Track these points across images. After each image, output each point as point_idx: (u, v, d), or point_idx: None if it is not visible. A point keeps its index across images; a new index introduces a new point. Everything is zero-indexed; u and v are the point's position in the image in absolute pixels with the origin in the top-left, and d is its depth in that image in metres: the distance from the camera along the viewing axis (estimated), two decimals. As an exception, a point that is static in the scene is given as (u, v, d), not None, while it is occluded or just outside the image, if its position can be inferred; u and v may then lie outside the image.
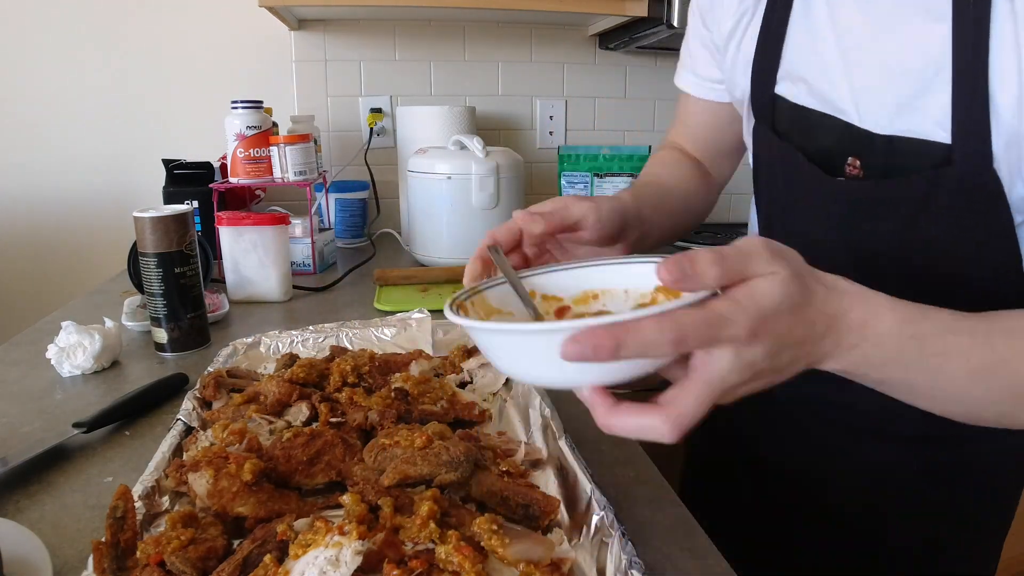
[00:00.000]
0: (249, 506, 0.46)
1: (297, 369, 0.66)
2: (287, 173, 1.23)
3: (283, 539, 0.42)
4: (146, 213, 0.79)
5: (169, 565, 0.40)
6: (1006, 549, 0.71)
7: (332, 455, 0.53)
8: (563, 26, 1.66)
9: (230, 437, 0.54)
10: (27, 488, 0.54)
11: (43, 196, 1.56)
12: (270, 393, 0.62)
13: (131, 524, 0.42)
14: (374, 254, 1.42)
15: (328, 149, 1.63)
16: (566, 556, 0.43)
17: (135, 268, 0.95)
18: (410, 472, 0.48)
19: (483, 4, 1.36)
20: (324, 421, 0.59)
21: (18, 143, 1.53)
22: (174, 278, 0.81)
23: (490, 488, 0.49)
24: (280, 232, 1.05)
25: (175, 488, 0.49)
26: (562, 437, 0.54)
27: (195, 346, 0.84)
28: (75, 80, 1.52)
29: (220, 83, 1.56)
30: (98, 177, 1.57)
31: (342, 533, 0.40)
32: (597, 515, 0.44)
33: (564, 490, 0.51)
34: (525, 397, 0.65)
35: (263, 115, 1.24)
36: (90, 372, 0.76)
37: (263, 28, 1.54)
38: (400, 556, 0.41)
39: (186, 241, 0.81)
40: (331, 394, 0.64)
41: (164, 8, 1.51)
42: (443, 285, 1.15)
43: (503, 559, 0.41)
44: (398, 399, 0.63)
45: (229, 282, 1.05)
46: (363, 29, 1.60)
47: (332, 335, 0.81)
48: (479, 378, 0.72)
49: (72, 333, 0.76)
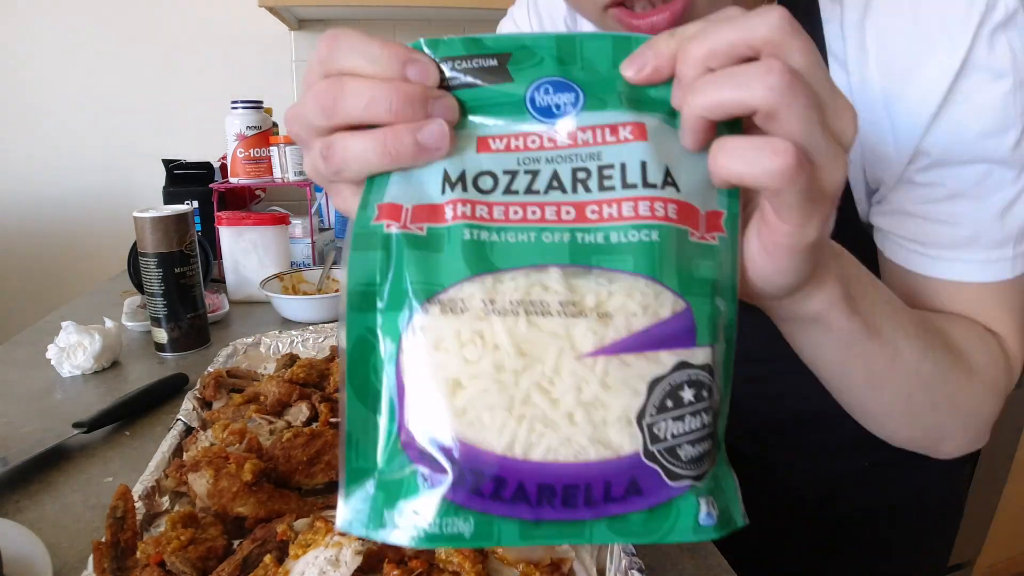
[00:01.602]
0: (249, 506, 0.46)
1: (297, 369, 0.66)
2: (287, 173, 1.23)
3: (283, 539, 0.42)
4: (146, 213, 0.79)
5: (169, 565, 0.40)
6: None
7: (332, 455, 0.53)
8: (563, 26, 1.66)
9: (230, 437, 0.54)
10: (27, 488, 0.54)
11: (43, 196, 1.56)
12: (270, 393, 0.62)
13: (131, 524, 0.42)
14: (374, 254, 1.42)
15: (328, 149, 1.63)
16: (566, 556, 0.43)
17: (135, 268, 0.95)
18: (410, 472, 0.48)
19: (483, 4, 1.36)
20: (324, 421, 0.59)
21: (18, 143, 1.53)
22: (174, 278, 0.81)
23: (490, 488, 0.49)
24: (280, 232, 1.05)
25: (175, 488, 0.49)
26: (562, 437, 0.54)
27: (195, 346, 0.84)
28: (75, 80, 1.52)
29: (220, 83, 1.56)
30: (98, 177, 1.57)
31: (342, 533, 0.40)
32: (597, 515, 0.44)
33: (564, 490, 0.51)
34: (525, 397, 0.65)
35: (263, 115, 1.24)
36: (90, 372, 0.76)
37: (263, 28, 1.54)
38: (400, 556, 0.41)
39: (186, 241, 0.81)
40: (331, 394, 0.64)
41: (164, 8, 1.52)
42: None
43: (503, 559, 0.41)
44: (398, 399, 0.63)
45: (229, 282, 1.05)
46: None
47: (332, 335, 0.81)
48: (479, 378, 0.72)
49: (72, 333, 0.76)
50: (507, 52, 0.28)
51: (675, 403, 0.26)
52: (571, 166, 0.28)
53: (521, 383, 0.25)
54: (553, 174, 0.27)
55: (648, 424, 0.25)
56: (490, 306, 0.25)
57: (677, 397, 0.26)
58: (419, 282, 0.26)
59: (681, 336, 0.26)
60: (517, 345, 0.25)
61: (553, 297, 0.26)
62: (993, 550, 1.61)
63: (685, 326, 0.26)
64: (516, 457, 0.25)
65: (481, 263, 0.26)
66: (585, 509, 0.25)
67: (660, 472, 0.25)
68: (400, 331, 0.26)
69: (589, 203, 0.27)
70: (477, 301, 0.25)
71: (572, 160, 0.28)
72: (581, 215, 0.27)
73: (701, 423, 0.26)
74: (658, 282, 0.26)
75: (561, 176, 0.27)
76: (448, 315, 0.25)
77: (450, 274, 0.26)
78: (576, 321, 0.25)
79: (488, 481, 0.25)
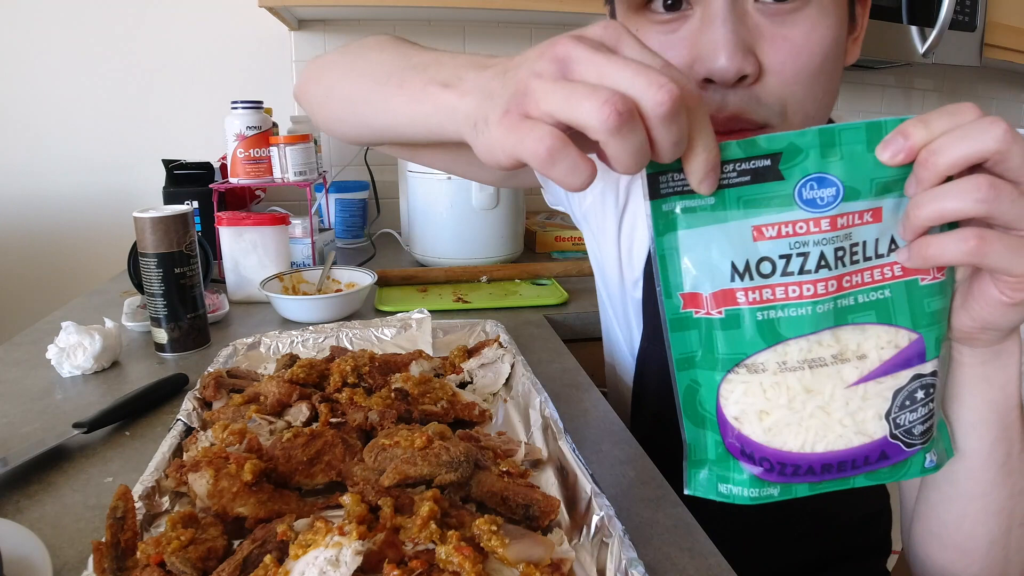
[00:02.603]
0: (249, 506, 0.46)
1: (297, 369, 0.66)
2: (287, 173, 1.23)
3: (283, 539, 0.42)
4: (146, 213, 0.79)
5: (169, 565, 0.40)
6: None
7: (332, 455, 0.53)
8: (563, 26, 1.65)
9: (230, 437, 0.54)
10: (27, 488, 0.54)
11: (43, 196, 1.56)
12: (270, 393, 0.62)
13: (131, 524, 0.42)
14: (374, 254, 1.42)
15: (328, 149, 1.63)
16: (566, 556, 0.43)
17: (135, 268, 0.95)
18: (410, 472, 0.48)
19: (483, 4, 1.36)
20: (324, 421, 0.59)
21: (18, 143, 1.53)
22: (174, 278, 0.81)
23: (490, 488, 0.49)
24: (280, 232, 1.05)
25: (175, 488, 0.49)
26: (562, 437, 0.54)
27: (195, 346, 0.84)
28: (75, 80, 1.52)
29: (220, 83, 1.56)
30: (98, 177, 1.57)
31: (342, 533, 0.40)
32: (597, 515, 0.44)
33: (564, 490, 0.51)
34: (525, 397, 0.65)
35: (263, 115, 1.24)
36: (90, 372, 0.76)
37: (263, 28, 1.54)
38: (400, 556, 0.41)
39: (186, 241, 0.81)
40: (331, 394, 0.64)
41: (164, 8, 1.51)
42: (443, 285, 1.15)
43: (503, 559, 0.41)
44: (398, 399, 0.63)
45: (229, 282, 1.05)
46: (363, 29, 1.60)
47: (332, 335, 0.81)
48: (479, 378, 0.72)
49: (72, 333, 0.76)
50: (779, 152, 0.35)
51: (911, 402, 0.39)
52: (833, 247, 0.36)
53: (807, 407, 0.38)
54: (820, 255, 0.36)
55: (893, 418, 0.39)
56: (783, 366, 0.38)
57: (913, 397, 0.39)
58: (727, 352, 0.38)
59: (915, 357, 0.38)
60: (805, 386, 0.38)
61: (827, 351, 0.38)
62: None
63: (918, 350, 0.38)
64: (806, 452, 0.39)
65: (773, 336, 0.37)
66: (852, 471, 0.40)
67: (901, 444, 0.39)
68: (717, 382, 0.38)
69: (844, 275, 0.37)
70: (773, 364, 0.38)
71: (833, 242, 0.36)
72: (839, 285, 0.37)
73: (928, 411, 0.39)
74: (895, 326, 0.38)
75: (826, 256, 0.36)
76: (753, 374, 0.38)
77: (751, 345, 0.37)
78: (844, 364, 0.38)
79: (789, 467, 0.39)
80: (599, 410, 0.68)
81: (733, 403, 0.38)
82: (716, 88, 0.47)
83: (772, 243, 0.36)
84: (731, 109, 0.47)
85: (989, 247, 0.33)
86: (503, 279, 1.18)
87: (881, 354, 0.38)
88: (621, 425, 0.65)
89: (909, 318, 0.38)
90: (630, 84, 0.30)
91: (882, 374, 0.38)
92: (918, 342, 0.38)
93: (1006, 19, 1.60)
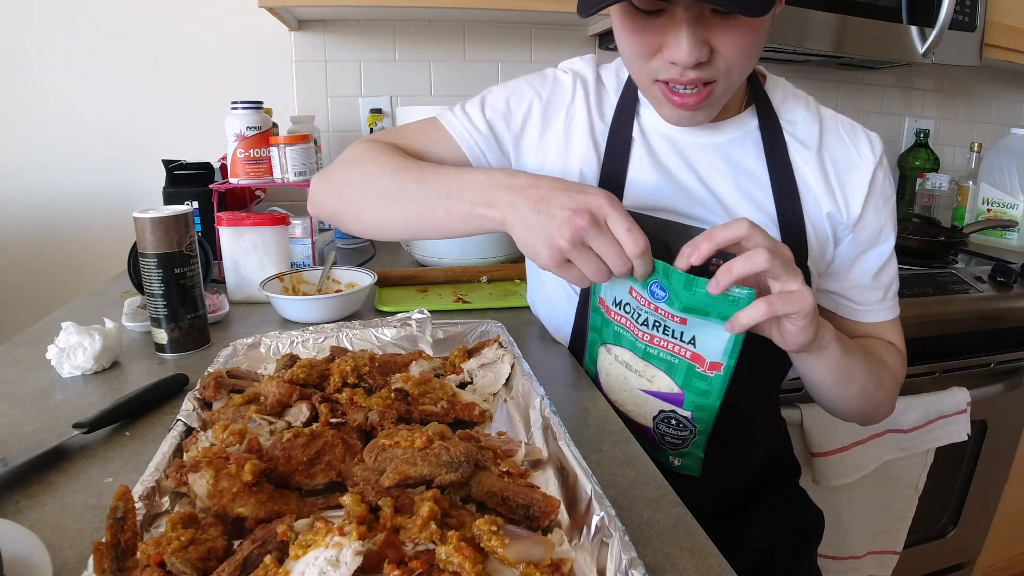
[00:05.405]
0: (249, 507, 0.46)
1: (297, 370, 0.66)
2: (287, 173, 1.23)
3: (283, 539, 0.42)
4: (146, 214, 0.79)
5: (169, 566, 0.40)
6: (1000, 550, 0.74)
7: (332, 455, 0.53)
8: (563, 26, 1.67)
9: (230, 438, 0.54)
10: (27, 488, 0.54)
11: (43, 196, 1.56)
12: (270, 394, 0.62)
13: (131, 525, 0.42)
14: (374, 254, 1.42)
15: (328, 149, 1.63)
16: (566, 556, 0.43)
17: (135, 268, 0.95)
18: (410, 473, 0.48)
19: (483, 4, 1.36)
20: (324, 422, 0.59)
21: (18, 143, 1.53)
22: (174, 278, 0.81)
23: (490, 488, 0.49)
24: (280, 232, 1.05)
25: (175, 488, 0.49)
26: (562, 437, 0.54)
27: (195, 346, 0.84)
28: (75, 80, 1.52)
29: (220, 83, 1.56)
30: (98, 177, 1.57)
31: (342, 534, 0.40)
32: (597, 515, 0.44)
33: (564, 490, 0.51)
34: (525, 397, 0.65)
35: (263, 115, 1.24)
36: (90, 373, 0.76)
37: (263, 28, 1.54)
38: (400, 557, 0.41)
39: (186, 241, 0.81)
40: (331, 394, 0.64)
41: (164, 9, 1.52)
42: (443, 285, 1.15)
43: (503, 559, 0.41)
44: (398, 399, 0.63)
45: (229, 282, 1.05)
46: (363, 29, 1.60)
47: (332, 335, 0.81)
48: (479, 378, 0.72)
49: (72, 334, 0.76)
50: (657, 269, 0.61)
51: (666, 424, 0.71)
52: (653, 319, 0.65)
53: (625, 384, 0.73)
54: (646, 318, 0.66)
55: (655, 424, 0.72)
56: (618, 358, 0.73)
57: (668, 421, 0.71)
58: (605, 336, 0.73)
59: (676, 402, 0.68)
60: (624, 374, 0.72)
61: (638, 366, 0.70)
62: (993, 550, 1.61)
63: (678, 399, 0.68)
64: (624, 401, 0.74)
65: (617, 340, 0.71)
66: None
67: (656, 441, 0.73)
68: (598, 346, 0.75)
69: (656, 337, 0.66)
70: (616, 352, 0.72)
71: (655, 316, 0.65)
72: (651, 340, 0.67)
73: (680, 437, 0.71)
74: (672, 380, 0.68)
75: (648, 321, 0.66)
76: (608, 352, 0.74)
77: (612, 338, 0.72)
78: (642, 378, 0.70)
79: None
80: (599, 410, 0.68)
81: (601, 361, 0.75)
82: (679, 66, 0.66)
83: (631, 297, 0.66)
84: (690, 76, 0.65)
85: (774, 304, 0.58)
86: (503, 279, 1.18)
87: (660, 387, 0.69)
88: (621, 425, 0.65)
89: (681, 382, 0.66)
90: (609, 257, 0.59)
91: (657, 397, 0.69)
92: (679, 395, 0.67)
93: (1006, 19, 1.60)
